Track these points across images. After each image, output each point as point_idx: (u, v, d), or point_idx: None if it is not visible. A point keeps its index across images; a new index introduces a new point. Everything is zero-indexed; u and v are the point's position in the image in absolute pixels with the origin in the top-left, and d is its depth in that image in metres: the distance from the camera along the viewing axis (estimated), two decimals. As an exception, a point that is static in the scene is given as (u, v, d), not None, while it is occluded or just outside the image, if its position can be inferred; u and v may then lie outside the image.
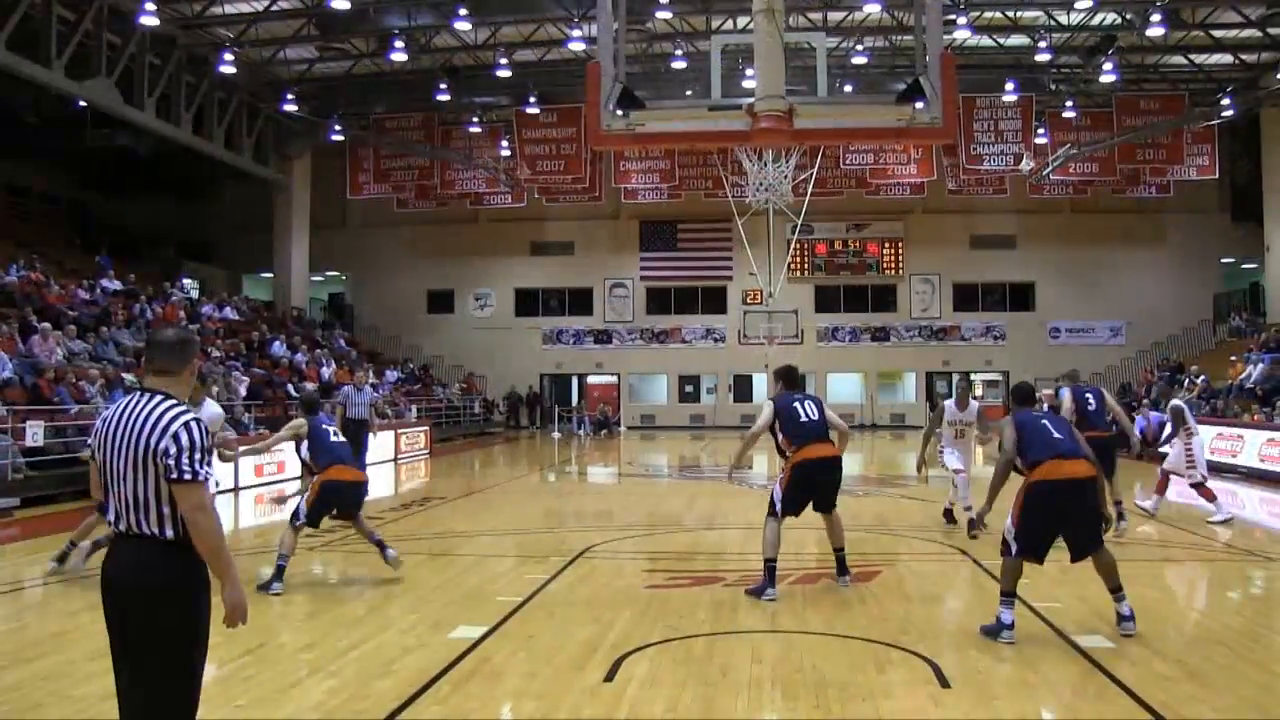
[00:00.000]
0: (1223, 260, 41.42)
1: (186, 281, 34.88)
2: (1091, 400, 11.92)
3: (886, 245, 42.87)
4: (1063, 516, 7.18)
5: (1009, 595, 7.26)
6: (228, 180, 40.06)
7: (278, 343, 30.36)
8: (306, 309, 39.34)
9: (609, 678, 6.34)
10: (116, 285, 27.03)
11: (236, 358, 26.59)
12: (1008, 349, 41.93)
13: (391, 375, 35.49)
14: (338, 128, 36.53)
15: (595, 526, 13.73)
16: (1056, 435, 7.31)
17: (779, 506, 8.75)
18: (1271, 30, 30.50)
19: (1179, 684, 6.15)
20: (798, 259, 40.92)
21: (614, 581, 9.50)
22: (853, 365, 42.23)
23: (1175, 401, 13.60)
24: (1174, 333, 39.89)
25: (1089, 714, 5.69)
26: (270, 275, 40.01)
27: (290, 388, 26.95)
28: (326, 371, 30.03)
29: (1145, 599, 8.48)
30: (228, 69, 30.29)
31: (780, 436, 8.88)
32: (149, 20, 26.23)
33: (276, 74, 33.70)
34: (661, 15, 28.76)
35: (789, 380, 9.26)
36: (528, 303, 44.62)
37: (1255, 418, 23.32)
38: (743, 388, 43.13)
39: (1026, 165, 35.80)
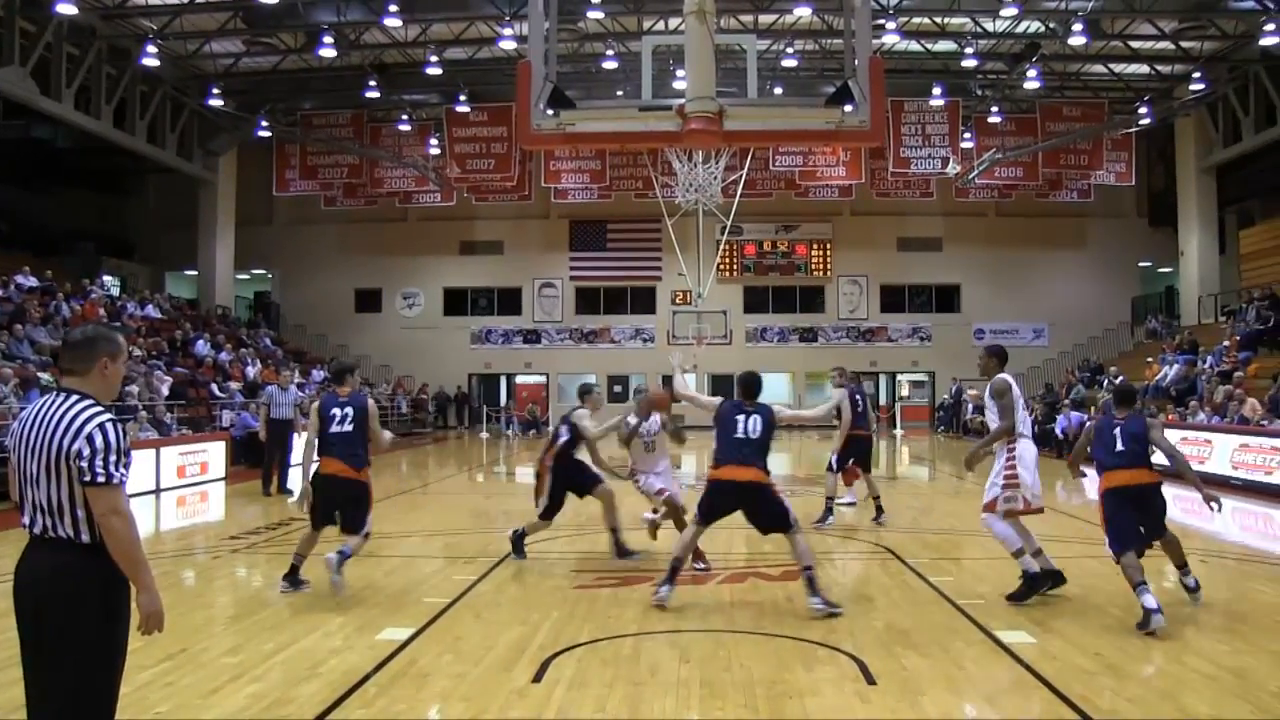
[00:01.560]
0: (1140, 264, 42.33)
1: (107, 279, 34.13)
2: (860, 402, 13.44)
3: (815, 247, 43.16)
4: (1135, 513, 8.16)
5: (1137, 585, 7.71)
6: (150, 175, 39.34)
7: (202, 341, 29.87)
8: (232, 307, 38.75)
9: (537, 678, 6.34)
10: (32, 282, 26.41)
11: (159, 357, 26.11)
12: (934, 350, 42.47)
13: (318, 374, 35.07)
14: (265, 123, 35.96)
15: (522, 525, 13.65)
16: (1119, 448, 8.22)
17: (698, 511, 8.55)
18: (1184, 43, 31.37)
19: (1097, 677, 6.30)
20: (727, 260, 41.12)
21: (542, 582, 9.49)
22: (781, 366, 42.42)
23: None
24: (1094, 334, 40.70)
25: (1011, 708, 5.79)
26: (194, 273, 39.30)
27: (214, 387, 26.56)
28: (252, 371, 29.63)
29: (1065, 594, 8.69)
30: (150, 61, 29.64)
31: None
32: (66, 8, 25.53)
33: (202, 68, 33.11)
34: (593, 15, 28.71)
35: (745, 389, 8.70)
36: (456, 302, 44.29)
37: (1170, 417, 23.87)
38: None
39: (953, 169, 36.29)
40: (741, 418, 8.35)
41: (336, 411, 8.81)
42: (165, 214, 40.54)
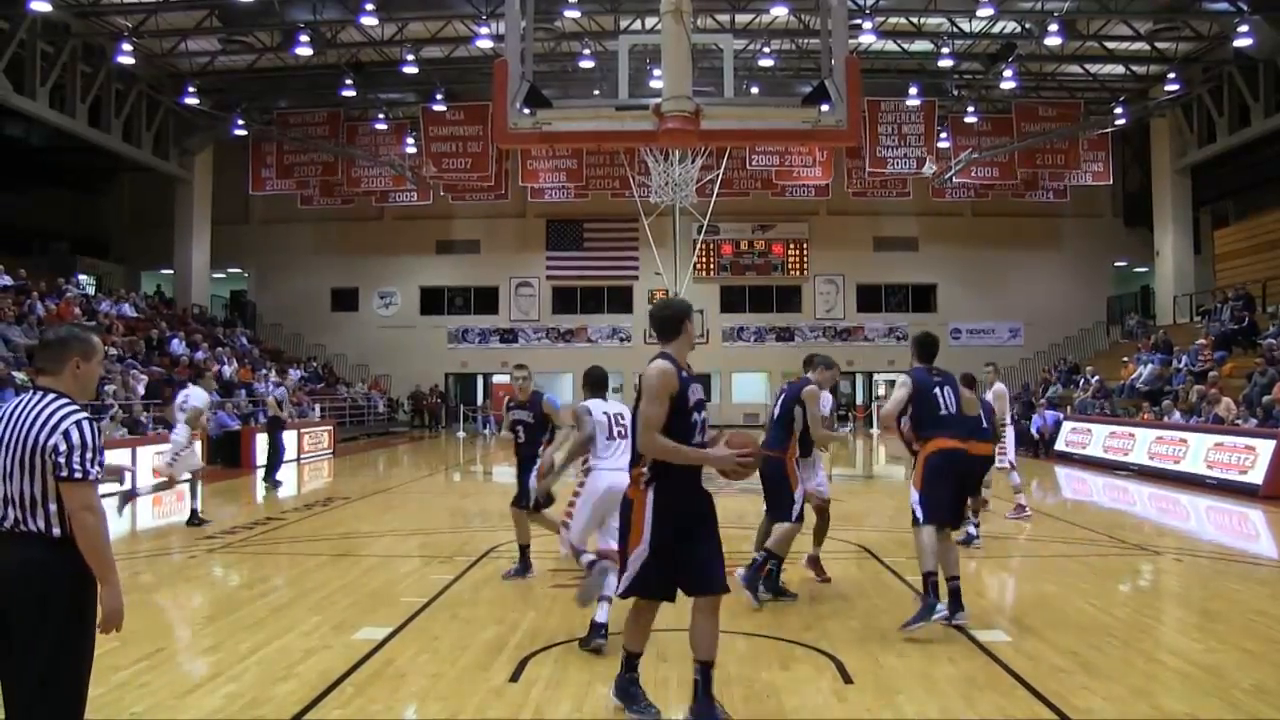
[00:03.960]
0: (1116, 264, 42.64)
1: (82, 277, 33.87)
2: None
3: (791, 246, 43.28)
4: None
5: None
6: (125, 174, 39.11)
7: (177, 340, 29.71)
8: (208, 306, 38.56)
9: (514, 678, 6.33)
10: (6, 281, 26.21)
11: (135, 355, 25.96)
12: (910, 349, 42.51)
13: (295, 374, 34.92)
14: (241, 122, 35.77)
15: (500, 526, 13.64)
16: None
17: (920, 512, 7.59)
18: (1159, 44, 31.57)
19: (1072, 675, 6.33)
20: (703, 259, 41.20)
21: (519, 581, 9.46)
22: (757, 365, 42.54)
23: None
24: (1070, 334, 40.90)
25: (986, 706, 5.80)
26: (170, 272, 39.08)
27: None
28: (228, 370, 29.47)
29: (1042, 593, 8.73)
30: (126, 59, 29.43)
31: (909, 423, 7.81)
32: (40, 6, 25.35)
33: (177, 66, 32.93)
34: (570, 14, 28.71)
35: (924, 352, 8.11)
36: (433, 301, 44.22)
37: (1145, 416, 24.01)
38: (650, 387, 43.16)
39: (929, 169, 36.37)
40: (937, 390, 7.81)
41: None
42: (140, 213, 40.32)
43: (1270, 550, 11.97)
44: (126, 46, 28.94)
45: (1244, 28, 27.08)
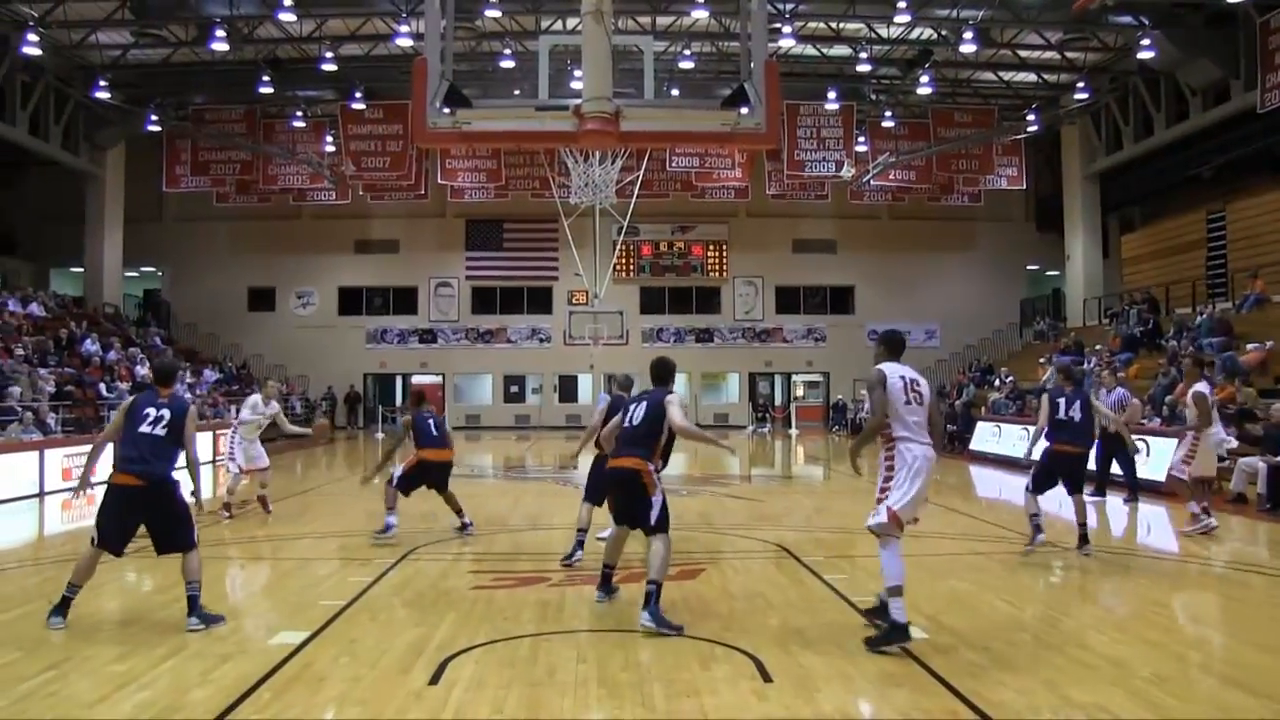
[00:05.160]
0: (1029, 267, 43.56)
1: (-13, 274, 33.02)
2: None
3: (711, 248, 43.55)
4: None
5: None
6: (34, 168, 38.07)
7: (89, 340, 29.05)
8: (120, 305, 37.73)
9: (434, 680, 6.30)
10: (-95, 277, 25.50)
11: (43, 356, 25.33)
12: (828, 350, 43.12)
13: (210, 375, 34.34)
14: (154, 117, 35.06)
15: (420, 528, 13.58)
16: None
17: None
18: (1069, 54, 32.40)
19: (986, 670, 6.47)
20: (623, 260, 41.31)
21: (439, 583, 9.42)
22: (677, 366, 42.68)
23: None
24: (984, 335, 41.67)
25: (903, 702, 5.91)
26: (80, 270, 38.17)
27: (102, 387, 25.85)
28: (141, 370, 28.90)
29: (956, 591, 8.90)
30: (32, 50, 28.43)
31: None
32: (-61, -5, 24.65)
33: (88, 58, 32.13)
34: (490, 14, 28.59)
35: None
36: (351, 301, 43.80)
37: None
38: (568, 388, 43.26)
39: (847, 172, 36.83)
40: (631, 406, 8.45)
41: (151, 412, 8.07)
42: (49, 208, 39.24)
43: (1171, 545, 12.30)
44: (32, 37, 27.90)
45: (1146, 41, 27.87)
